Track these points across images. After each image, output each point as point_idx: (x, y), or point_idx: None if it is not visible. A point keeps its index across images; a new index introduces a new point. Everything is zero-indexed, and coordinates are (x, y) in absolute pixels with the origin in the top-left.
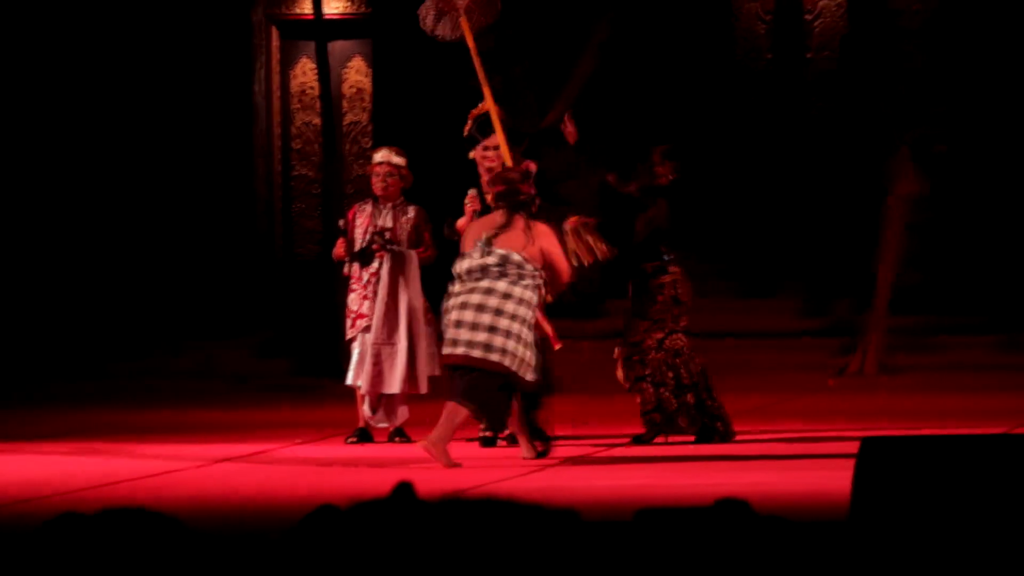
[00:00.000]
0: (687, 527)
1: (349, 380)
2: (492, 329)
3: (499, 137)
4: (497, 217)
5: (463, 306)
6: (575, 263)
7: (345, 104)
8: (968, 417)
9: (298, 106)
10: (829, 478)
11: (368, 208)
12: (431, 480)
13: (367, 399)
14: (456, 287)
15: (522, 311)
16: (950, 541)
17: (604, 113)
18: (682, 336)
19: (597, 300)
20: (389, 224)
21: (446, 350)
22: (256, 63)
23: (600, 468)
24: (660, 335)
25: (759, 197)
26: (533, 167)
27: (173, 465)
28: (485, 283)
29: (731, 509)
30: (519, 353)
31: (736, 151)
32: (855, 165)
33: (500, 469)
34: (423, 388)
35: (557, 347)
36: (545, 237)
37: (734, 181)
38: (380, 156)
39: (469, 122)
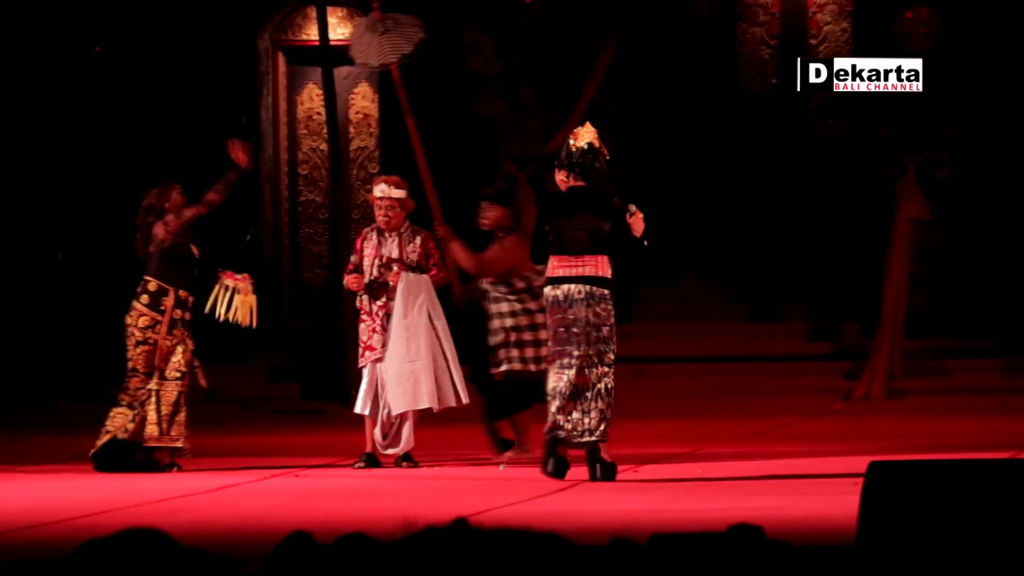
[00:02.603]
0: (702, 553)
1: (357, 408)
2: None
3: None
4: None
5: None
6: None
7: (352, 129)
8: (975, 441)
9: (305, 131)
10: (836, 502)
11: (375, 237)
12: (435, 506)
13: (378, 424)
14: None
15: None
16: (957, 566)
17: (609, 134)
18: None
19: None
20: (395, 254)
21: None
22: (263, 89)
23: (607, 492)
24: None
25: (766, 221)
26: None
27: (180, 490)
28: None
29: (745, 535)
30: None
31: (743, 175)
32: (861, 189)
33: (506, 494)
34: (465, 399)
35: None
36: None
37: (741, 205)
38: (379, 191)
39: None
